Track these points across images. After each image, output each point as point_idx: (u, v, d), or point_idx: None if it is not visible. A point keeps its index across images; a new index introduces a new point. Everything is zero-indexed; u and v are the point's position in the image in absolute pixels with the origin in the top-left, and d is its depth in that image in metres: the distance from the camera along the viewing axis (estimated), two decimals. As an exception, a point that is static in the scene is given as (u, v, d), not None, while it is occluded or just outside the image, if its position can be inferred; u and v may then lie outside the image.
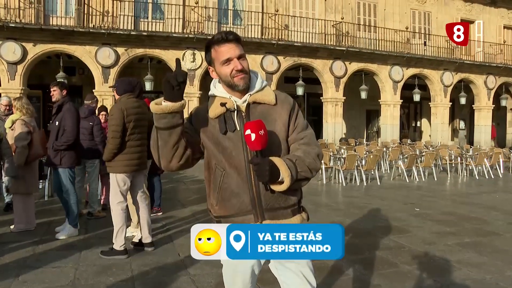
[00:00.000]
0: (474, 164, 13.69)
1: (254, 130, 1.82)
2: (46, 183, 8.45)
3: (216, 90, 2.08)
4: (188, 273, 4.35)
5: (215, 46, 1.99)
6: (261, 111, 2.02)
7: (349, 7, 21.30)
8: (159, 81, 18.82)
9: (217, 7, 18.74)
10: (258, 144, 1.83)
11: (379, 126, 24.64)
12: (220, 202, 2.04)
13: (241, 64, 1.96)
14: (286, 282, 2.08)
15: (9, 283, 4.01)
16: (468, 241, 5.77)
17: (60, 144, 5.55)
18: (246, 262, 2.07)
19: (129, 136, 4.76)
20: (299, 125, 2.05)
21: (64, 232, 5.63)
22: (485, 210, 8.04)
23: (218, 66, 2.00)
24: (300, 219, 2.07)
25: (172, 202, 8.22)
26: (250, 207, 1.99)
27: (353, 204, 8.49)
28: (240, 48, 1.99)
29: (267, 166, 1.83)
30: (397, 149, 14.46)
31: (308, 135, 2.05)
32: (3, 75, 15.88)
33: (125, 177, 4.81)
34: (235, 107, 2.00)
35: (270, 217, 2.00)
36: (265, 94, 2.05)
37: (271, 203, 1.99)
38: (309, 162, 1.96)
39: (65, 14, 16.90)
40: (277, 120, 2.02)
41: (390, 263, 4.80)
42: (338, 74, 20.55)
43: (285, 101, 2.07)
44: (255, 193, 1.98)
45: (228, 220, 2.04)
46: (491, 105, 25.03)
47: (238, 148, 1.97)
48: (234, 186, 1.99)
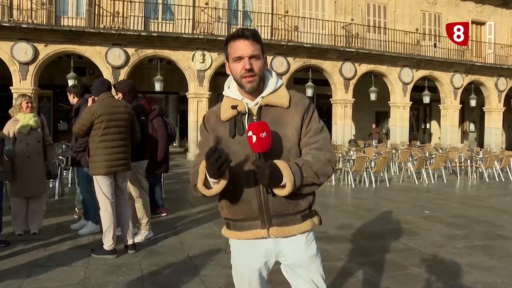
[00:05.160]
0: (484, 166, 13.58)
1: (255, 132, 1.76)
2: (57, 183, 8.51)
3: (229, 91, 2.02)
4: (198, 273, 4.37)
5: (231, 41, 1.93)
6: (273, 114, 1.96)
7: (359, 9, 21.26)
8: (168, 82, 18.94)
9: (227, 8, 18.81)
10: (259, 146, 1.77)
11: (388, 128, 24.54)
12: (229, 206, 2.01)
13: (251, 64, 1.89)
14: (297, 287, 2.07)
15: (21, 282, 4.06)
16: (478, 244, 5.72)
17: (78, 145, 5.71)
18: (253, 266, 2.06)
19: (102, 137, 4.69)
20: (312, 129, 1.97)
21: (86, 228, 5.79)
22: (495, 213, 7.98)
23: (231, 62, 1.94)
24: (311, 224, 2.02)
25: (181, 202, 8.25)
26: (257, 213, 1.95)
27: (362, 206, 8.47)
28: (256, 48, 1.91)
29: (267, 169, 1.76)
30: (406, 151, 14.39)
31: (320, 140, 1.96)
32: (15, 75, 16.05)
33: (104, 178, 4.74)
34: (246, 110, 1.95)
35: (277, 223, 1.95)
36: (278, 96, 1.98)
37: (279, 210, 1.94)
38: (317, 167, 1.89)
39: (76, 15, 17.05)
40: (289, 124, 1.95)
41: (400, 266, 4.78)
42: (348, 76, 20.52)
43: (300, 104, 1.99)
44: (263, 199, 1.93)
45: (236, 224, 2.03)
46: (501, 108, 24.83)
47: (247, 153, 1.91)
48: (243, 192, 1.95)
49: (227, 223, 2.08)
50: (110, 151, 4.72)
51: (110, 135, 4.72)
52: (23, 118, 5.57)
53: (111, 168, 4.74)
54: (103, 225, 4.83)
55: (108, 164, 4.71)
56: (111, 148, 4.73)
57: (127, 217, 5.02)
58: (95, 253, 4.84)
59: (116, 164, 4.77)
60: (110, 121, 4.72)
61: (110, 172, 4.76)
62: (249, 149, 1.84)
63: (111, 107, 4.79)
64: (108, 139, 4.71)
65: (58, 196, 8.41)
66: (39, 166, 5.74)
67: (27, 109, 5.62)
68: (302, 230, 1.99)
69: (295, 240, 2.00)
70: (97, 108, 4.74)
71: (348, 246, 5.53)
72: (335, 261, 4.84)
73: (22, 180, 5.54)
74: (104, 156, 4.69)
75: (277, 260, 2.07)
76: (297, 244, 2.01)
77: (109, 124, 4.72)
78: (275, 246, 2.01)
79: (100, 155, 4.70)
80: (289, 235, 1.98)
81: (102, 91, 4.90)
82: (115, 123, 4.76)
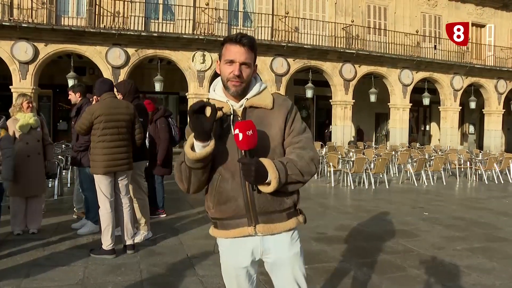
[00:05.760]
0: (483, 168, 13.59)
1: (242, 129, 1.83)
2: (56, 182, 8.50)
3: (215, 94, 2.08)
4: (197, 273, 4.37)
5: (228, 43, 1.99)
6: (257, 115, 2.02)
7: (359, 10, 21.27)
8: (168, 82, 18.94)
9: (227, 8, 18.80)
10: (245, 144, 1.84)
11: (388, 129, 24.55)
12: (216, 205, 2.06)
13: (241, 71, 1.95)
14: (279, 285, 2.14)
15: (20, 281, 4.06)
16: (478, 246, 5.73)
17: (79, 145, 5.73)
18: (240, 264, 2.11)
19: (101, 137, 4.71)
20: (295, 129, 2.05)
21: (85, 228, 5.79)
22: (495, 215, 7.98)
23: (222, 63, 2.00)
24: (296, 222, 2.08)
25: (181, 203, 8.25)
26: (244, 210, 2.00)
27: (361, 207, 8.47)
28: (249, 56, 1.98)
29: (253, 165, 1.84)
30: (406, 153, 14.40)
31: (303, 139, 2.04)
32: (15, 74, 16.05)
33: (103, 177, 4.76)
34: (231, 111, 2.01)
35: (264, 220, 2.01)
36: (262, 98, 2.05)
37: (265, 207, 2.00)
38: (302, 165, 1.96)
39: (76, 15, 17.05)
40: (273, 124, 2.02)
41: (398, 267, 4.78)
42: (348, 77, 20.52)
43: (283, 105, 2.06)
44: (249, 197, 1.98)
45: (223, 223, 2.07)
46: (501, 110, 24.84)
47: (233, 152, 1.97)
48: (229, 190, 2.00)
49: (215, 223, 2.13)
50: (109, 151, 4.73)
51: (109, 136, 4.73)
52: (23, 118, 5.57)
53: (110, 168, 4.75)
54: (102, 224, 4.84)
55: (107, 164, 4.72)
56: (110, 148, 4.74)
57: (127, 217, 5.02)
58: (94, 253, 4.84)
59: (115, 164, 4.78)
60: (108, 122, 4.73)
61: (109, 172, 4.77)
62: (235, 149, 1.93)
63: (110, 108, 4.79)
64: (107, 139, 4.72)
65: (57, 196, 8.40)
66: (39, 165, 5.74)
67: (27, 109, 5.62)
68: (287, 228, 2.05)
69: (280, 238, 2.07)
70: (96, 108, 4.76)
71: (347, 247, 5.52)
72: (334, 262, 4.83)
73: (21, 180, 5.54)
74: (103, 156, 4.71)
75: (261, 258, 2.11)
76: (282, 242, 2.07)
77: (108, 124, 4.73)
78: (261, 243, 2.07)
79: (99, 154, 4.72)
80: (275, 232, 2.04)
81: (104, 91, 4.92)
82: (114, 123, 4.76)
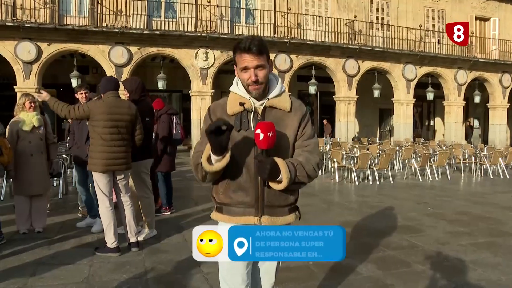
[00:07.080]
0: (488, 163, 13.54)
1: (263, 130, 1.94)
2: (60, 182, 8.54)
3: (238, 89, 2.20)
4: (201, 271, 4.38)
5: (237, 52, 2.10)
6: (275, 115, 2.16)
7: (362, 5, 21.18)
8: (171, 80, 18.93)
9: (229, 5, 18.76)
10: (265, 143, 1.95)
11: (392, 125, 24.47)
12: (226, 191, 2.17)
13: (257, 75, 2.08)
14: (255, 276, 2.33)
15: (26, 280, 4.08)
16: (483, 241, 5.71)
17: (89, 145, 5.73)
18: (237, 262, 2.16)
19: (101, 136, 4.71)
20: (306, 133, 2.21)
21: (98, 226, 5.75)
22: (500, 210, 7.95)
23: (238, 70, 2.14)
24: (294, 217, 2.26)
25: (185, 200, 8.26)
26: (253, 202, 2.14)
27: (365, 203, 8.46)
28: (261, 58, 2.08)
29: (268, 164, 1.97)
30: (410, 148, 14.36)
31: (312, 144, 2.22)
32: (19, 74, 16.09)
33: (101, 175, 4.77)
34: (252, 108, 2.14)
35: (268, 213, 2.16)
36: (282, 100, 2.19)
37: (272, 201, 2.15)
38: (308, 169, 2.13)
39: (79, 14, 17.06)
40: (288, 126, 2.17)
41: (403, 263, 4.78)
42: (351, 73, 20.45)
43: (299, 109, 2.23)
44: (260, 190, 2.13)
45: (229, 209, 2.18)
46: (506, 104, 24.67)
47: (249, 146, 2.10)
48: (242, 181, 2.14)
49: (220, 208, 2.22)
50: (108, 150, 4.74)
51: (108, 135, 4.74)
52: (26, 117, 5.60)
53: (109, 166, 4.76)
54: (103, 222, 4.85)
55: (106, 163, 4.73)
56: (109, 147, 4.74)
57: (129, 214, 5.03)
58: (99, 251, 4.86)
59: (114, 163, 4.79)
60: (108, 121, 4.74)
61: (107, 171, 4.78)
62: (251, 143, 2.07)
63: (111, 107, 4.80)
64: (106, 138, 4.73)
65: (62, 195, 8.43)
66: (42, 164, 5.76)
67: (30, 108, 5.65)
68: (287, 221, 2.21)
69: None
70: (98, 107, 4.77)
71: (351, 243, 5.53)
72: (338, 258, 4.83)
73: (25, 178, 5.57)
74: (101, 154, 4.72)
75: None
76: None
77: (108, 123, 4.73)
78: None
79: (98, 152, 4.73)
80: (277, 224, 2.16)
81: (108, 90, 4.92)
82: (114, 123, 4.77)
